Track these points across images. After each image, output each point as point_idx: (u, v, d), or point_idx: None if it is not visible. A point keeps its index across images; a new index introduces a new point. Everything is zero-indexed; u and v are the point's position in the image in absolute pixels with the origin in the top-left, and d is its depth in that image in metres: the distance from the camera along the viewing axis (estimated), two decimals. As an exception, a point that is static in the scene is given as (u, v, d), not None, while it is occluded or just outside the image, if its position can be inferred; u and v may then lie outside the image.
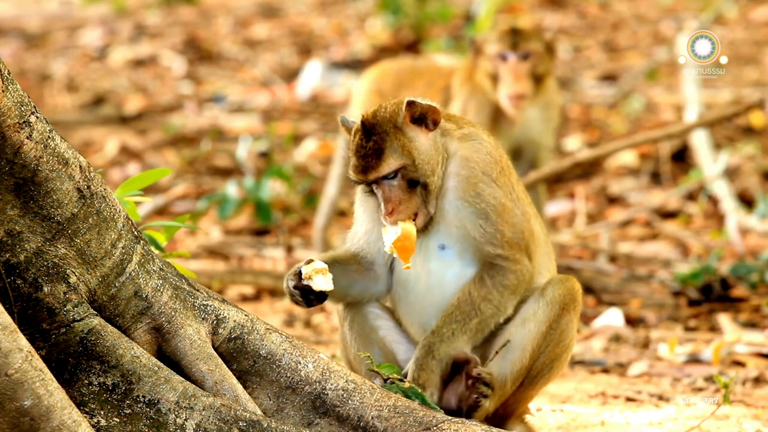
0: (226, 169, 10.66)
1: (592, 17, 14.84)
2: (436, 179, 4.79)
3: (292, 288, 4.74)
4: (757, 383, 6.21)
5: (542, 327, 4.82)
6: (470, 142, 4.86)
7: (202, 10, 16.12)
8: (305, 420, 4.37)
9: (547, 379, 4.90)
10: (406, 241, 4.76)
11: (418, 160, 4.78)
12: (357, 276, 4.92)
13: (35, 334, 4.15)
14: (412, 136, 4.81)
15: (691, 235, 8.81)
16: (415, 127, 4.82)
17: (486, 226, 4.78)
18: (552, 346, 4.83)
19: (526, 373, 4.83)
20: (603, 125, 11.27)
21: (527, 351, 4.82)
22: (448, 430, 4.33)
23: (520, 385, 4.86)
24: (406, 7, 13.68)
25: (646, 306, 7.49)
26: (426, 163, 4.78)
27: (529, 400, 4.99)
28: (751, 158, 10.06)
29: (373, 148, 4.79)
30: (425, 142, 4.82)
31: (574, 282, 4.90)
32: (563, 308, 4.84)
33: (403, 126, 4.81)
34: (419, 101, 4.82)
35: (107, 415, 4.16)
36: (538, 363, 4.84)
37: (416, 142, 4.80)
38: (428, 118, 4.83)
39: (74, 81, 13.34)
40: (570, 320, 4.85)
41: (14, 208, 4.16)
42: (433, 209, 4.80)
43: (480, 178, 4.81)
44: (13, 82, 4.14)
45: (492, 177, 4.81)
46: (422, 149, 4.80)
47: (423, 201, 4.78)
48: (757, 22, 14.16)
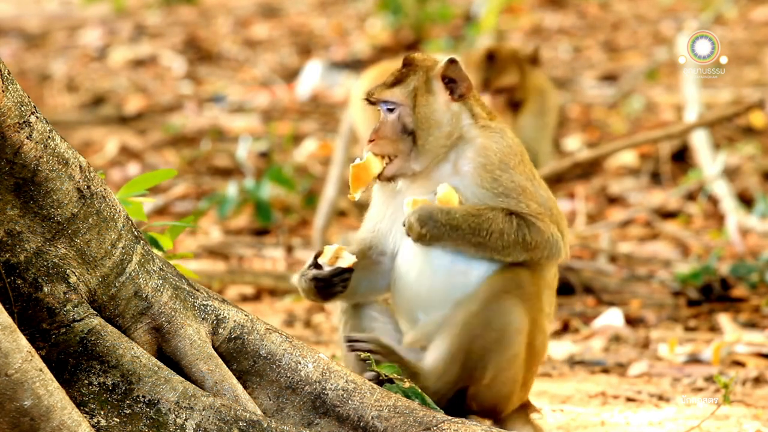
0: (226, 169, 10.66)
1: (592, 17, 14.85)
2: (431, 142, 4.75)
3: (311, 280, 4.72)
4: (757, 383, 6.21)
5: (473, 306, 4.73)
6: (492, 132, 4.83)
7: (202, 10, 16.12)
8: (305, 420, 4.37)
9: (497, 372, 4.76)
10: (363, 171, 4.75)
11: (422, 112, 4.76)
12: (365, 273, 4.88)
13: (35, 334, 4.15)
14: (432, 89, 4.80)
15: (691, 235, 8.81)
16: (442, 85, 4.81)
17: (509, 201, 4.74)
18: (488, 331, 4.72)
19: (465, 356, 4.74)
20: (603, 125, 11.27)
21: (458, 327, 4.72)
22: (448, 430, 4.33)
23: (472, 375, 4.77)
24: (406, 7, 13.68)
25: (646, 306, 7.49)
26: (426, 120, 4.76)
27: (496, 395, 4.83)
28: (751, 158, 10.07)
29: (396, 74, 4.83)
30: (440, 104, 4.80)
31: (520, 271, 4.78)
32: (504, 291, 4.73)
33: (431, 76, 4.80)
34: (461, 69, 4.80)
35: (107, 415, 4.16)
36: (476, 346, 4.73)
37: (431, 97, 4.79)
38: (458, 87, 4.81)
39: (74, 81, 13.34)
40: (512, 307, 4.73)
41: (14, 208, 4.16)
42: (417, 168, 4.76)
43: (497, 165, 4.76)
44: (13, 82, 4.14)
45: (510, 165, 4.77)
46: (433, 107, 4.78)
47: (407, 153, 4.76)
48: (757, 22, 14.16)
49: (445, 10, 13.76)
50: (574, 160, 8.12)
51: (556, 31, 14.38)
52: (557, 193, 9.88)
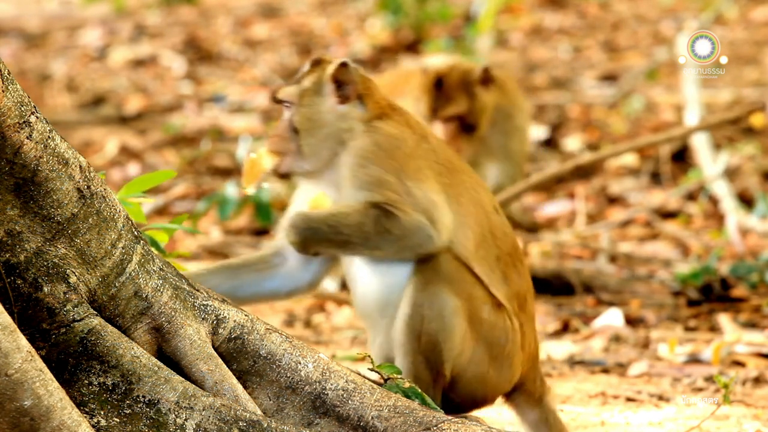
0: (226, 169, 10.66)
1: (592, 17, 14.84)
2: (312, 143, 4.80)
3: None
4: (757, 383, 6.21)
5: (406, 308, 4.75)
6: (369, 132, 4.84)
7: (202, 10, 16.12)
8: (305, 420, 4.37)
9: (455, 359, 4.76)
10: (254, 167, 4.83)
11: (304, 112, 4.81)
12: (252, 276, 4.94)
13: (35, 334, 4.15)
14: (321, 91, 4.84)
15: (691, 235, 8.81)
16: (332, 88, 4.84)
17: (366, 194, 4.75)
18: (427, 324, 4.73)
19: (422, 356, 4.75)
20: (603, 125, 11.27)
21: (403, 332, 4.76)
22: (448, 430, 4.33)
23: (440, 372, 4.77)
24: (406, 7, 13.67)
25: (646, 306, 7.49)
26: (308, 121, 4.80)
27: (469, 382, 4.83)
28: (751, 158, 10.06)
29: (300, 74, 4.90)
30: (326, 106, 4.84)
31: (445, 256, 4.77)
32: (426, 283, 4.74)
33: (324, 78, 4.84)
34: (354, 71, 4.84)
35: (107, 415, 4.16)
36: (425, 343, 4.74)
37: (317, 98, 4.84)
38: (345, 89, 4.84)
39: (74, 81, 13.34)
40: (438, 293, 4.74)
41: (14, 208, 4.16)
42: (307, 167, 4.81)
43: (359, 162, 4.79)
44: (13, 82, 4.14)
45: (371, 159, 4.78)
46: (316, 108, 4.83)
47: (295, 152, 4.81)
48: (757, 22, 14.16)
49: (445, 10, 13.76)
50: (576, 163, 8.09)
51: (556, 31, 14.37)
52: (557, 193, 9.90)
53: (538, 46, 13.89)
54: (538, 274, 7.82)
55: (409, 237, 4.74)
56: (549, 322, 7.24)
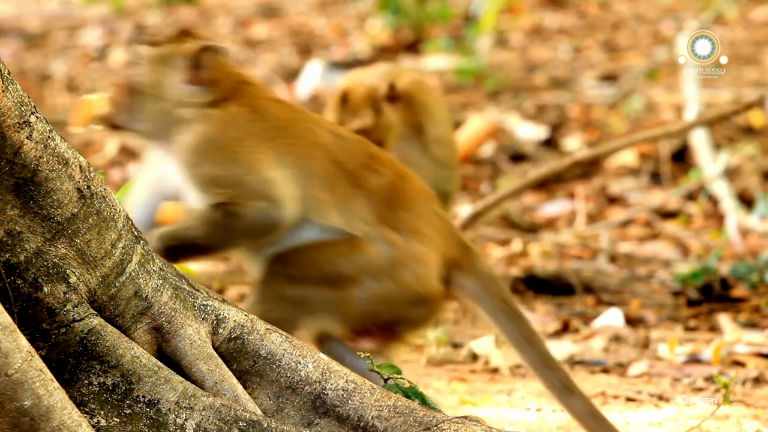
0: (225, 169, 10.64)
1: (592, 17, 14.84)
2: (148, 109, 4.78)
3: None
4: (757, 383, 6.21)
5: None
6: (202, 122, 4.81)
7: (202, 10, 16.12)
8: (305, 420, 4.37)
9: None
10: (87, 108, 4.81)
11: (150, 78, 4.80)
12: None
13: (35, 334, 4.15)
14: (174, 65, 4.82)
15: (691, 235, 8.80)
16: (186, 66, 4.81)
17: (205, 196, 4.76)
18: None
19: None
20: (603, 125, 11.26)
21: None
22: (448, 430, 4.33)
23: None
24: (406, 7, 13.66)
25: (646, 306, 7.49)
26: (150, 87, 4.79)
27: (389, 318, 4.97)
28: (751, 158, 10.06)
29: (164, 38, 4.87)
30: (171, 81, 4.81)
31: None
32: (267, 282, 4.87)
33: (179, 53, 4.82)
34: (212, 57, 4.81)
35: (107, 415, 4.16)
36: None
37: (167, 69, 4.81)
38: (199, 72, 4.80)
39: (74, 81, 13.34)
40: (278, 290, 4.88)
41: (14, 208, 4.16)
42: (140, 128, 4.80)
43: (194, 161, 4.77)
44: (13, 82, 4.14)
45: (204, 157, 4.77)
46: (161, 79, 4.82)
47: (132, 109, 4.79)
48: (757, 22, 14.15)
49: (445, 10, 13.75)
50: (574, 159, 8.09)
51: (556, 31, 14.37)
52: (557, 193, 9.90)
53: (538, 46, 13.89)
54: (538, 274, 7.83)
55: (255, 227, 4.77)
56: (549, 322, 7.24)
